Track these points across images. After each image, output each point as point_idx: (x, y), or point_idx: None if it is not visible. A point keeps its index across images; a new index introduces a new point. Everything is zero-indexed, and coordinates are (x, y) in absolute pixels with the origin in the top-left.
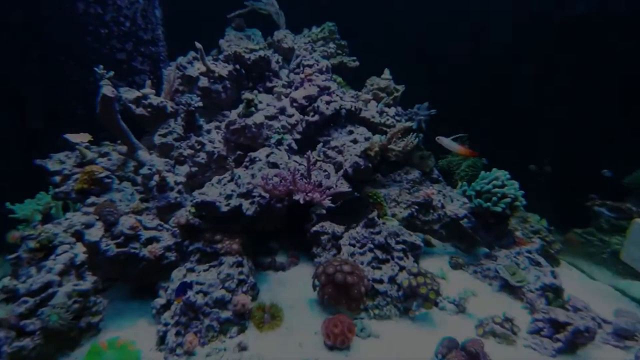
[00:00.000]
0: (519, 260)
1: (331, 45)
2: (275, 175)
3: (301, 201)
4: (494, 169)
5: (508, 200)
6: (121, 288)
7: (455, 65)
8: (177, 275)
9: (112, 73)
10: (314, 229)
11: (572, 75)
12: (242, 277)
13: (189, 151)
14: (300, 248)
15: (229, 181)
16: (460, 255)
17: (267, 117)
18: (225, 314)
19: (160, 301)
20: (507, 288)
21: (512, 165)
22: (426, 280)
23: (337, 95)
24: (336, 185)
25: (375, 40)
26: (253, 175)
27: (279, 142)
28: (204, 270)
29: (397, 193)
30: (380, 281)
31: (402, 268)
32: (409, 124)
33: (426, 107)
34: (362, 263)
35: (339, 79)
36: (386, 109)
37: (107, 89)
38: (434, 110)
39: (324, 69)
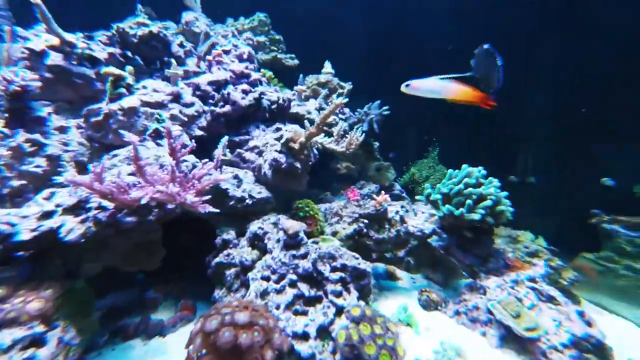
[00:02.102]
0: (519, 293)
1: (262, 38)
2: (132, 174)
3: (144, 200)
4: (464, 165)
5: (488, 203)
6: None
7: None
8: None
9: None
10: (217, 260)
11: (555, 67)
12: None
13: (7, 155)
14: (201, 293)
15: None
16: (434, 289)
17: (147, 104)
18: None
19: None
20: (512, 340)
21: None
22: (375, 330)
23: (262, 88)
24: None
25: (330, 38)
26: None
27: (159, 134)
28: None
29: (342, 205)
30: (305, 337)
31: (339, 310)
32: (341, 100)
33: (378, 105)
34: (277, 307)
35: (269, 74)
36: (327, 106)
37: None
38: (386, 108)
39: (244, 56)
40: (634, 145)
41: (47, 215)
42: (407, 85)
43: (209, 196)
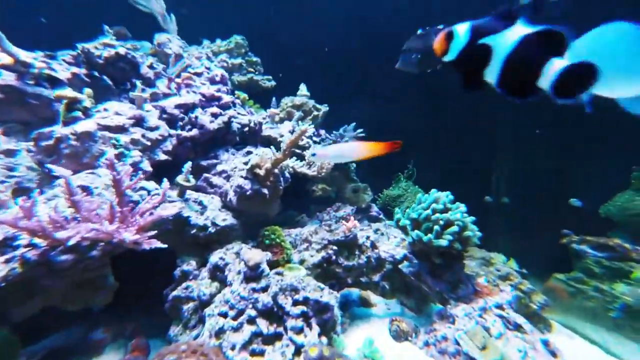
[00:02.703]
0: (487, 322)
1: (238, 60)
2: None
3: (72, 242)
4: (433, 190)
5: (454, 229)
6: None
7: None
8: None
9: None
10: (174, 293)
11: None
12: None
13: None
14: (160, 328)
15: None
16: (407, 316)
17: (106, 127)
18: None
19: None
20: None
21: (465, 197)
22: None
23: (234, 110)
24: (156, 208)
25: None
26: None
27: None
28: None
29: (312, 231)
30: None
31: (298, 348)
32: (307, 126)
33: (352, 128)
34: (233, 347)
35: (244, 95)
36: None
37: None
38: (361, 130)
39: (217, 79)
40: (601, 165)
41: None
42: (313, 155)
43: (154, 231)
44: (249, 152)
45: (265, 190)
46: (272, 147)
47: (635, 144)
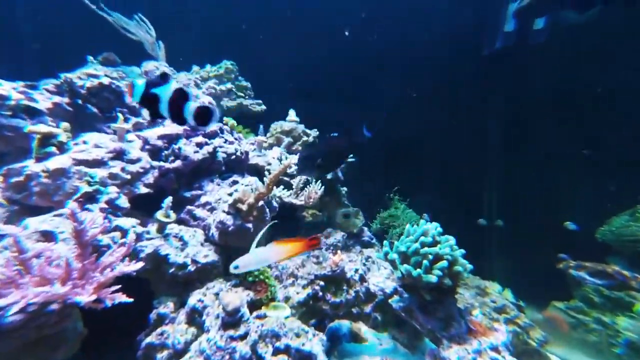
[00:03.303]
0: None
1: (228, 85)
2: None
3: (14, 309)
4: (422, 221)
5: (444, 264)
6: None
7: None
8: None
9: None
10: (147, 340)
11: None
12: None
13: None
14: None
15: None
16: (400, 354)
17: (83, 162)
18: None
19: None
20: None
21: (456, 220)
22: None
23: (221, 138)
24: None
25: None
26: None
27: (90, 197)
28: None
29: (299, 264)
30: None
31: None
32: (291, 159)
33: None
34: None
35: (232, 122)
36: (288, 155)
37: None
38: (352, 156)
39: None
40: (594, 186)
41: None
42: (236, 267)
43: (116, 286)
44: (235, 182)
45: (249, 225)
46: (260, 175)
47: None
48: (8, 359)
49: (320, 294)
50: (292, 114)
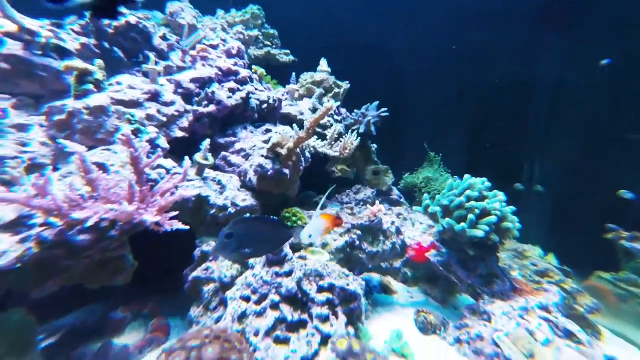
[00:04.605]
0: (530, 324)
1: (254, 32)
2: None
3: (90, 223)
4: (467, 176)
5: (492, 219)
6: None
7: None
8: None
9: None
10: (194, 274)
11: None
12: None
13: None
14: (179, 309)
15: None
16: (432, 307)
17: (120, 102)
18: None
19: None
20: None
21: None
22: None
23: (252, 86)
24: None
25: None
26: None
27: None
28: None
29: (334, 214)
30: None
31: (325, 338)
32: (332, 103)
33: (376, 107)
34: (256, 333)
35: (261, 71)
36: (321, 106)
37: None
38: (385, 110)
39: (233, 52)
40: None
41: None
42: (310, 236)
43: (176, 212)
44: (268, 130)
45: (287, 171)
46: (292, 125)
47: None
48: (81, 278)
49: (357, 243)
50: (323, 64)
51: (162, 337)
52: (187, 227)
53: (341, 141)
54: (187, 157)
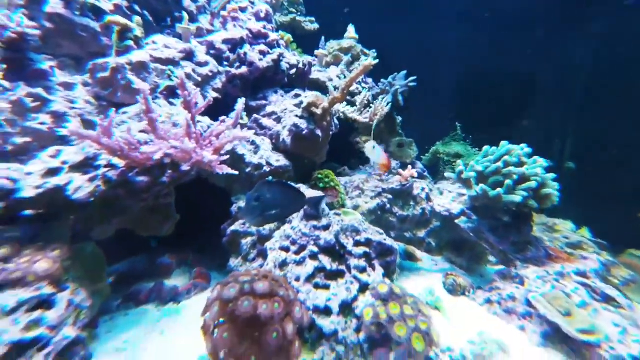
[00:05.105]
0: (566, 288)
1: None
2: (144, 131)
3: (157, 156)
4: (503, 142)
5: (532, 184)
6: None
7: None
8: None
9: None
10: (232, 228)
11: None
12: (34, 333)
13: (8, 110)
14: (219, 259)
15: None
16: (459, 273)
17: (157, 60)
18: None
19: None
20: (559, 340)
21: None
22: (405, 311)
23: (281, 50)
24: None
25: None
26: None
27: (172, 92)
28: None
29: (363, 179)
30: (327, 311)
31: (363, 287)
32: (371, 60)
33: (404, 76)
34: (297, 279)
35: (288, 36)
36: (349, 73)
37: None
38: (413, 79)
39: (262, 15)
40: None
41: (53, 172)
42: (374, 147)
43: (227, 156)
44: (297, 95)
45: (319, 132)
46: (321, 90)
47: None
48: (135, 223)
49: (388, 206)
50: (351, 30)
51: (204, 283)
52: (236, 172)
53: (371, 106)
54: (242, 97)
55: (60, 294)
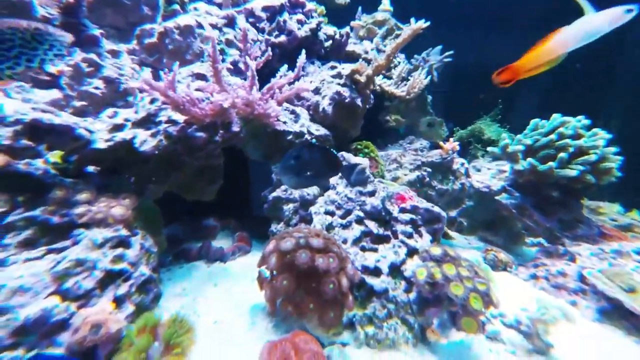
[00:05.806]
0: (626, 266)
1: None
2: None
3: (226, 104)
4: (555, 115)
5: (591, 158)
6: None
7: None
8: None
9: None
10: (274, 194)
11: None
12: (120, 266)
13: (68, 73)
14: (256, 228)
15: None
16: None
17: (202, 26)
18: None
19: None
20: (618, 316)
21: None
22: (461, 272)
23: (317, 19)
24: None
25: None
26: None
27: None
28: (25, 261)
29: (400, 154)
30: (376, 272)
31: (411, 251)
32: (421, 23)
33: (439, 51)
34: (344, 242)
35: (321, 8)
36: (384, 47)
37: None
38: (449, 54)
39: None
40: None
41: (117, 128)
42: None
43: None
44: (333, 67)
45: (360, 101)
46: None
47: None
48: (182, 184)
49: (428, 179)
50: (386, 2)
51: (247, 246)
52: (291, 129)
53: (409, 79)
54: (303, 51)
55: (134, 238)
